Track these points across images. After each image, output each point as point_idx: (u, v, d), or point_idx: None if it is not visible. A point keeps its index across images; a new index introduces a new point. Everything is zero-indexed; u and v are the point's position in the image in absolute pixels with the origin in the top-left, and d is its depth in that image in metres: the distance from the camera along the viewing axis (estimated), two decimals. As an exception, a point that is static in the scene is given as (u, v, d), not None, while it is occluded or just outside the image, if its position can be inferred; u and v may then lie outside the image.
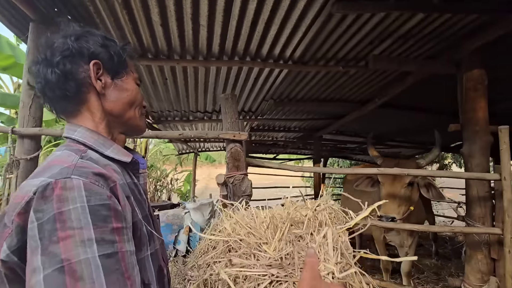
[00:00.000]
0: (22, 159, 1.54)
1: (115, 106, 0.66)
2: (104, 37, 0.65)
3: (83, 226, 0.45)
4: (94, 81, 0.62)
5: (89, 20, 1.73)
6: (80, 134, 0.62)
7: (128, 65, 0.69)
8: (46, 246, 0.44)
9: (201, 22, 1.77)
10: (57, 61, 0.59)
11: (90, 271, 0.43)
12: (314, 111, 4.04)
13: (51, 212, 0.45)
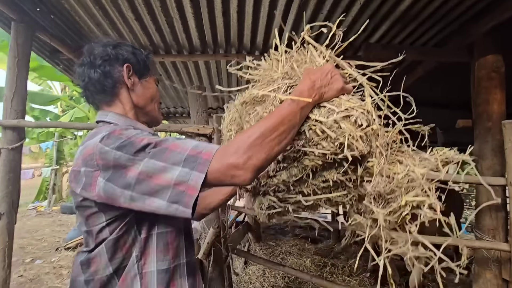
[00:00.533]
0: (4, 148, 1.67)
1: (140, 99, 0.84)
2: (133, 47, 0.85)
3: (147, 134, 0.66)
4: (126, 79, 0.80)
5: (68, 18, 1.82)
6: (111, 117, 0.79)
7: (150, 69, 0.87)
8: (124, 157, 0.60)
9: (175, 15, 1.75)
10: (99, 64, 0.77)
11: (171, 140, 0.64)
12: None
13: (120, 139, 0.63)
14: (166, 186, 0.59)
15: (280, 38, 0.84)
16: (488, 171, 1.70)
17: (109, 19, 1.83)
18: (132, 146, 0.62)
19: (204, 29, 1.92)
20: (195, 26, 1.87)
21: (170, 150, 0.61)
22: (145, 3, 1.66)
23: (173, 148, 0.61)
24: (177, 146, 0.62)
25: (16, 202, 1.78)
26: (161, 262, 0.71)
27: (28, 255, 4.28)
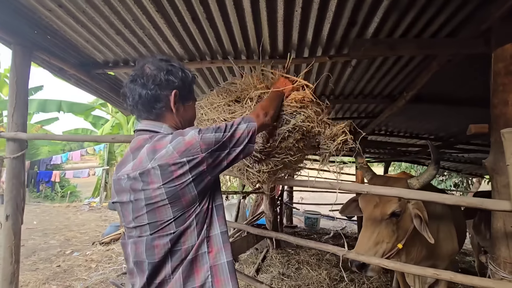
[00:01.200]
0: (7, 157, 1.88)
1: (182, 122, 0.99)
2: (182, 71, 0.97)
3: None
4: (173, 106, 0.94)
5: (63, 36, 1.97)
6: (165, 129, 0.94)
7: (192, 91, 1.02)
8: (222, 130, 0.90)
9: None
10: (151, 88, 0.91)
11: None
12: (335, 110, 3.55)
13: (212, 128, 0.90)
14: (244, 135, 0.93)
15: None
16: (504, 189, 1.36)
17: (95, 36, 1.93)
18: (220, 130, 0.89)
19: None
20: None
21: (234, 121, 0.95)
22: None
23: (235, 120, 0.96)
24: (236, 120, 0.96)
25: (21, 205, 1.98)
26: (222, 226, 0.94)
27: (70, 247, 4.83)
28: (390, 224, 1.54)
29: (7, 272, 1.97)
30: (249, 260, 4.06)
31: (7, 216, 1.92)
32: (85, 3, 1.60)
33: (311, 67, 2.20)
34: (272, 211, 4.44)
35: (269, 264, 3.96)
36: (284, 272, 3.66)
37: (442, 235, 2.00)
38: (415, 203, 1.56)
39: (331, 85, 2.68)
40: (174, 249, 0.87)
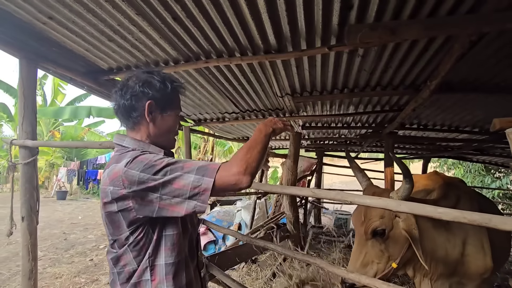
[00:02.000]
0: (19, 163, 2.03)
1: (157, 131, 0.99)
2: (162, 82, 0.97)
3: (164, 158, 0.85)
4: (146, 115, 0.95)
5: (65, 47, 2.05)
6: (127, 142, 0.96)
7: (175, 102, 1.02)
8: (150, 178, 0.80)
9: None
10: (128, 98, 0.95)
11: (184, 163, 0.84)
12: (352, 103, 3.26)
13: (143, 163, 0.82)
14: (185, 190, 0.79)
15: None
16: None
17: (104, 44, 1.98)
18: (154, 168, 0.81)
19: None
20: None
21: (184, 166, 0.82)
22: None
23: (187, 164, 0.82)
24: (189, 162, 0.83)
25: (34, 207, 2.13)
26: (169, 257, 0.91)
27: (104, 242, 5.20)
28: (377, 243, 1.33)
29: (25, 269, 2.13)
30: (267, 262, 3.97)
31: (22, 218, 2.08)
32: (72, 13, 1.63)
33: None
34: (293, 211, 4.27)
35: (288, 267, 3.82)
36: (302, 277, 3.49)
37: (470, 250, 1.70)
38: (405, 219, 1.32)
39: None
40: (118, 269, 0.93)
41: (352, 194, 1.05)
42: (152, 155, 0.87)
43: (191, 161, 0.84)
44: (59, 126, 13.22)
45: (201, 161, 0.85)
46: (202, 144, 7.92)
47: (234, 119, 3.95)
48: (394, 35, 1.46)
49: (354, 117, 3.92)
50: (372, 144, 5.37)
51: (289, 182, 4.06)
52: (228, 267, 3.12)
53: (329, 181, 13.59)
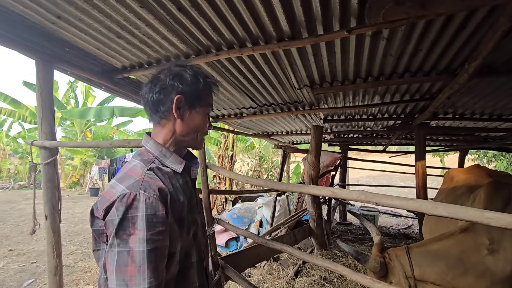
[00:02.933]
0: (39, 164, 2.08)
1: (184, 129, 0.93)
2: (194, 76, 0.91)
3: (142, 229, 0.73)
4: (174, 110, 0.89)
5: (77, 46, 2.06)
6: (150, 146, 0.92)
7: (205, 98, 0.94)
8: (121, 235, 0.74)
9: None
10: (157, 91, 0.89)
11: (140, 258, 0.72)
12: (378, 93, 3.01)
13: (127, 215, 0.74)
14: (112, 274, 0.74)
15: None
16: None
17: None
18: (124, 234, 0.74)
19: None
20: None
21: (128, 273, 0.74)
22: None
23: (130, 270, 0.73)
24: (133, 274, 0.73)
25: (57, 206, 2.18)
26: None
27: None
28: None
29: (51, 265, 2.20)
30: (290, 261, 3.85)
31: (46, 216, 2.14)
32: (77, 10, 1.60)
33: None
34: (315, 208, 4.11)
35: (311, 266, 3.68)
36: (326, 277, 3.34)
37: None
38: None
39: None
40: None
41: (377, 194, 0.90)
42: (139, 225, 0.75)
43: (135, 274, 0.73)
44: (90, 126, 13.96)
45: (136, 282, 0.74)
46: (222, 140, 7.93)
47: (252, 114, 3.84)
48: (424, 10, 1.25)
49: (380, 108, 3.65)
50: (401, 136, 5.01)
51: (311, 178, 3.90)
52: (248, 266, 3.05)
53: (355, 176, 13.11)
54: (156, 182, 0.82)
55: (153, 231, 0.75)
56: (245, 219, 4.63)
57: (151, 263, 0.73)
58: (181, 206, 0.86)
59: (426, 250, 1.47)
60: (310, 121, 4.52)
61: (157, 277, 0.75)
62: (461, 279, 1.39)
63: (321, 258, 1.42)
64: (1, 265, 4.34)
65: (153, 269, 0.74)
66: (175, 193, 0.86)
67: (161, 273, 0.76)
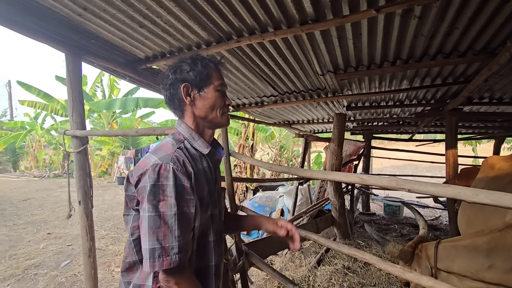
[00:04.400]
0: (72, 152, 2.19)
1: (201, 111, 1.00)
2: (192, 62, 0.98)
3: (171, 196, 0.83)
4: (184, 98, 0.98)
5: (102, 38, 2.11)
6: (182, 128, 1.00)
7: (210, 77, 0.99)
8: (152, 201, 0.82)
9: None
10: (168, 87, 1.00)
11: (171, 221, 0.82)
12: (407, 77, 2.84)
13: (158, 182, 0.83)
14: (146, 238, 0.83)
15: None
16: None
17: (124, 32, 1.99)
18: (154, 200, 0.82)
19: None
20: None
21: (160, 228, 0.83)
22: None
23: (163, 229, 0.83)
24: (167, 228, 0.82)
25: (89, 192, 2.30)
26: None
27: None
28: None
29: (85, 248, 2.34)
30: (312, 249, 3.85)
31: (79, 202, 2.27)
32: (102, 1, 1.63)
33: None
34: (338, 197, 4.04)
35: (333, 255, 3.66)
36: (349, 266, 3.31)
37: None
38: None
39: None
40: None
41: (410, 180, 0.85)
42: (169, 192, 0.84)
43: (167, 234, 0.82)
44: (116, 118, 14.54)
45: (174, 241, 0.83)
46: (242, 130, 7.94)
47: (273, 102, 3.79)
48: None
49: (408, 94, 3.46)
50: (430, 123, 4.75)
51: (333, 167, 3.82)
52: (271, 253, 3.08)
53: (379, 166, 12.72)
54: (184, 159, 0.90)
55: (181, 198, 0.84)
56: (267, 208, 4.66)
57: (180, 225, 0.83)
58: (202, 186, 0.94)
59: (454, 245, 1.47)
60: (332, 109, 4.40)
61: (185, 237, 0.84)
62: (486, 273, 1.35)
63: (347, 246, 1.39)
64: (41, 247, 4.70)
65: (182, 230, 0.83)
66: (198, 174, 0.93)
67: (188, 234, 0.86)
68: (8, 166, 17.56)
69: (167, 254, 0.80)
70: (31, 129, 15.29)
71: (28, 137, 15.77)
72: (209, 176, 1.00)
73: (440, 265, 1.41)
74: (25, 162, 17.29)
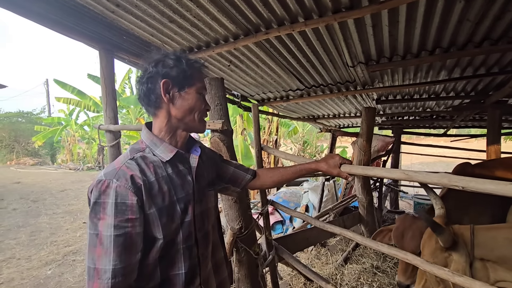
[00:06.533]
0: (106, 146, 2.27)
1: (178, 112, 0.92)
2: (176, 59, 0.91)
3: (110, 215, 0.77)
4: (163, 95, 0.90)
5: (133, 34, 2.15)
6: (143, 135, 0.95)
7: (194, 78, 0.93)
8: (93, 218, 0.78)
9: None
10: (144, 81, 0.92)
11: (107, 242, 0.76)
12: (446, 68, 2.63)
13: (99, 200, 0.78)
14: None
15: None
16: None
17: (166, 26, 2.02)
18: (94, 218, 0.78)
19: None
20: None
21: (95, 249, 0.78)
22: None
23: (97, 251, 0.78)
24: (100, 250, 0.77)
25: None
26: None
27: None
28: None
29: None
30: (338, 247, 3.76)
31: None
32: (134, -4, 1.66)
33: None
34: (366, 194, 3.90)
35: (361, 254, 3.55)
36: (378, 266, 3.19)
37: None
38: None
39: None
40: None
41: (463, 177, 0.77)
42: (108, 210, 0.78)
43: (101, 255, 0.77)
44: (143, 114, 15.08)
45: (101, 261, 0.77)
46: (266, 125, 7.91)
47: (299, 96, 3.71)
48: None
49: (446, 85, 3.23)
50: (469, 117, 4.42)
51: (361, 163, 3.68)
52: (298, 250, 3.04)
53: (407, 162, 12.16)
54: (132, 172, 0.83)
55: (121, 218, 0.77)
56: (291, 203, 4.61)
57: (118, 247, 0.76)
58: (163, 195, 0.86)
59: (494, 234, 1.34)
60: (361, 103, 4.23)
61: (123, 261, 0.77)
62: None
63: (387, 246, 1.32)
64: (78, 235, 5.02)
65: (119, 253, 0.76)
66: (158, 183, 0.86)
67: (128, 257, 0.78)
68: (47, 159, 18.89)
69: (99, 277, 0.75)
70: (66, 125, 16.29)
71: (64, 132, 16.84)
72: (179, 181, 0.92)
73: (478, 253, 1.30)
74: (61, 156, 18.51)
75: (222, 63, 2.64)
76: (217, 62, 2.62)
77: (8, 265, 4.01)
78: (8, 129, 17.89)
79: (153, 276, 0.85)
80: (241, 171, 1.23)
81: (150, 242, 0.84)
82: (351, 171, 1.06)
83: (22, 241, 4.88)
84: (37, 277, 3.64)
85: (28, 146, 18.27)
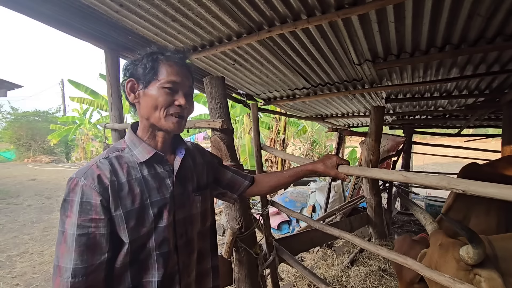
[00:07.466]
0: (111, 144, 2.30)
1: (144, 111, 0.88)
2: (141, 58, 0.89)
3: (75, 214, 0.76)
4: (128, 95, 0.90)
5: (137, 33, 2.17)
6: (126, 135, 0.93)
7: (157, 72, 0.86)
8: (61, 215, 0.78)
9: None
10: (121, 83, 0.93)
11: (70, 240, 0.75)
12: (457, 65, 2.53)
13: (68, 197, 0.78)
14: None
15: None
16: None
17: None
18: (63, 215, 0.78)
19: None
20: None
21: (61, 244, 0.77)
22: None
23: (61, 248, 0.77)
24: (65, 248, 0.76)
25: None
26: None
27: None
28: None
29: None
30: (345, 248, 3.69)
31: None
32: (136, -4, 1.67)
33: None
34: (374, 195, 3.82)
35: (368, 256, 3.48)
36: (386, 269, 3.11)
37: None
38: (488, 279, 0.89)
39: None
40: None
41: (464, 180, 0.73)
42: (74, 208, 0.77)
43: (64, 253, 0.76)
44: (154, 113, 15.29)
45: (68, 258, 0.75)
46: (274, 124, 7.86)
47: (305, 95, 3.66)
48: None
49: (458, 83, 3.12)
50: (483, 116, 4.27)
51: (370, 164, 3.60)
52: (302, 250, 3.01)
53: (420, 163, 11.87)
54: (100, 171, 0.80)
55: (85, 217, 0.76)
56: (298, 203, 4.57)
57: (79, 247, 0.75)
58: (133, 197, 0.82)
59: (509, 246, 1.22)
60: (369, 101, 4.14)
61: (85, 261, 0.75)
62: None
63: (387, 249, 1.28)
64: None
65: (81, 253, 0.75)
66: (129, 184, 0.82)
67: (91, 257, 0.76)
68: (62, 157, 19.47)
69: (60, 274, 0.74)
70: (80, 124, 16.72)
71: (78, 131, 17.29)
72: (155, 184, 0.87)
73: (502, 266, 1.15)
74: (75, 154, 19.03)
75: (227, 62, 2.63)
76: (222, 61, 2.61)
77: (21, 259, 4.14)
78: (26, 127, 18.55)
79: (122, 279, 0.82)
80: (239, 177, 1.19)
81: (117, 245, 0.81)
82: (349, 171, 1.03)
83: (35, 236, 5.04)
84: (48, 272, 3.75)
85: (44, 144, 18.89)
